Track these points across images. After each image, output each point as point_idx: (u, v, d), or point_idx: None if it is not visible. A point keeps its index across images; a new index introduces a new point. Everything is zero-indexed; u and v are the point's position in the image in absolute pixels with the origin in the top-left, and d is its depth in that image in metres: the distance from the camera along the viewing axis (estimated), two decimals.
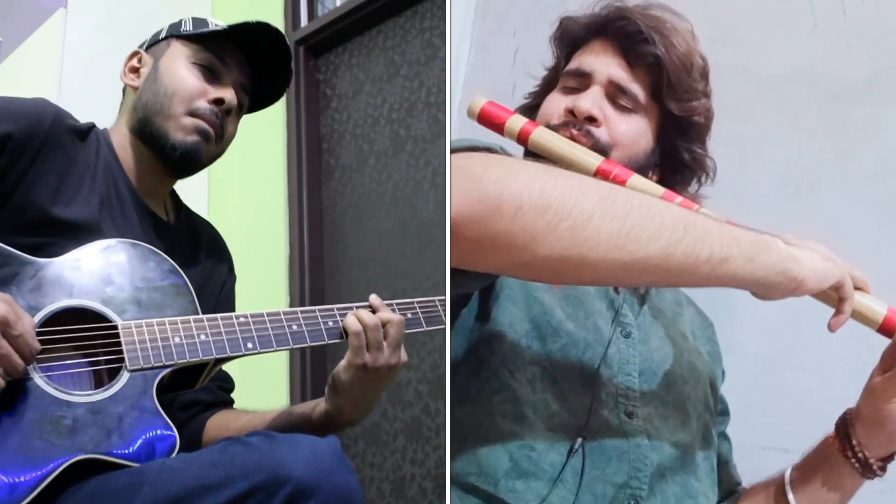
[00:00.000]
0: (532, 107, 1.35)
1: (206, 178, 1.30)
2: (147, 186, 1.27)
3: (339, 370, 1.20)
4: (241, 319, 1.15)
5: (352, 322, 1.18)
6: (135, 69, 1.30)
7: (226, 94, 1.26)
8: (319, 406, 1.23)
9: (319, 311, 1.20)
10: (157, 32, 1.33)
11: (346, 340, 1.19)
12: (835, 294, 1.04)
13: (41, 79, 2.96)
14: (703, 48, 1.33)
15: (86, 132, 1.21)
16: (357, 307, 1.21)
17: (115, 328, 1.09)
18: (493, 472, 1.05)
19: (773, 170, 1.62)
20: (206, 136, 1.25)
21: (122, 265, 1.14)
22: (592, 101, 1.23)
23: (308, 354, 2.35)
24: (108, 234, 1.16)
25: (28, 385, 1.01)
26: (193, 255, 1.32)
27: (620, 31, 1.26)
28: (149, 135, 1.25)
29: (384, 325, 1.19)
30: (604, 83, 1.25)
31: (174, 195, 1.35)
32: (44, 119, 1.15)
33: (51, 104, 1.19)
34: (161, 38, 1.30)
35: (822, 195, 1.57)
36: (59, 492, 0.99)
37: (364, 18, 2.43)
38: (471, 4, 2.07)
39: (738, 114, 1.61)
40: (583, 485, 1.06)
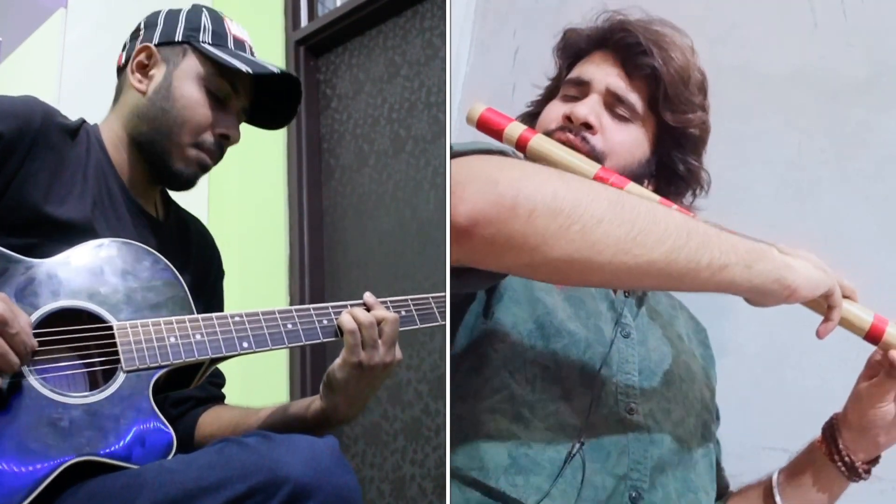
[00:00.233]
0: (534, 114, 1.37)
1: (206, 179, 1.29)
2: (138, 185, 1.26)
3: (335, 368, 1.19)
4: (237, 319, 1.15)
5: (347, 320, 1.18)
6: (143, 66, 1.25)
7: (232, 131, 1.25)
8: (314, 404, 1.23)
9: (314, 310, 1.20)
10: (171, 24, 1.26)
11: (342, 339, 1.19)
12: (824, 302, 1.07)
13: (41, 79, 2.96)
14: (703, 48, 1.34)
15: (76, 130, 1.20)
16: (352, 305, 1.21)
17: (111, 329, 1.08)
18: (494, 468, 1.07)
19: (773, 170, 1.62)
20: (206, 168, 1.26)
21: (116, 265, 1.13)
22: (589, 109, 1.24)
23: (308, 353, 2.35)
24: (101, 234, 1.16)
25: (24, 387, 1.00)
26: (185, 253, 1.31)
27: (620, 43, 1.28)
28: (148, 152, 1.24)
29: (379, 323, 1.18)
30: (602, 92, 1.27)
31: (164, 192, 1.34)
32: (33, 118, 1.13)
33: (40, 102, 1.17)
34: (177, 41, 1.25)
35: (822, 195, 1.57)
36: (57, 494, 0.98)
37: (364, 18, 2.43)
38: (471, 4, 2.07)
39: (738, 114, 1.61)
40: (584, 478, 1.07)
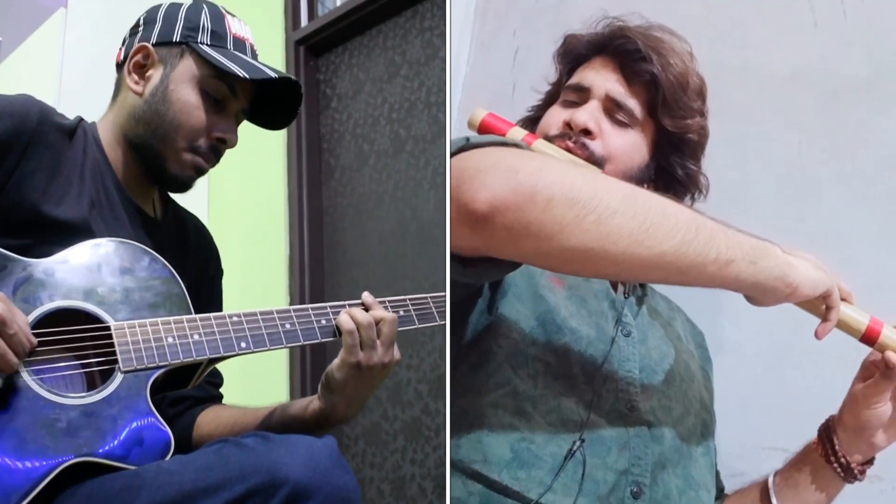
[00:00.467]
0: (535, 119, 1.38)
1: (207, 178, 1.29)
2: (135, 184, 1.25)
3: (333, 368, 1.19)
4: (235, 319, 1.14)
5: (345, 320, 1.17)
6: (140, 66, 1.23)
7: (228, 135, 1.24)
8: (313, 404, 1.23)
9: (312, 310, 1.19)
10: (170, 22, 1.25)
11: (340, 339, 1.18)
12: (822, 303, 1.08)
13: (41, 79, 2.95)
14: (703, 48, 1.34)
15: (73, 129, 1.19)
16: (350, 305, 1.20)
17: (108, 329, 1.08)
18: (497, 462, 1.07)
19: (773, 170, 1.62)
20: (201, 171, 1.25)
21: (114, 264, 1.13)
22: (589, 115, 1.25)
23: (308, 352, 2.35)
24: (98, 234, 1.15)
25: (21, 388, 1.00)
26: (183, 251, 1.30)
27: (620, 49, 1.29)
28: (143, 154, 1.23)
29: (377, 323, 1.18)
30: (601, 98, 1.27)
31: (162, 190, 1.32)
32: (30, 117, 1.13)
33: (36, 101, 1.16)
34: (175, 42, 1.23)
35: (822, 195, 1.57)
36: (55, 495, 0.98)
37: (364, 18, 2.43)
38: (471, 4, 2.07)
39: (738, 114, 1.61)
40: (585, 473, 1.07)
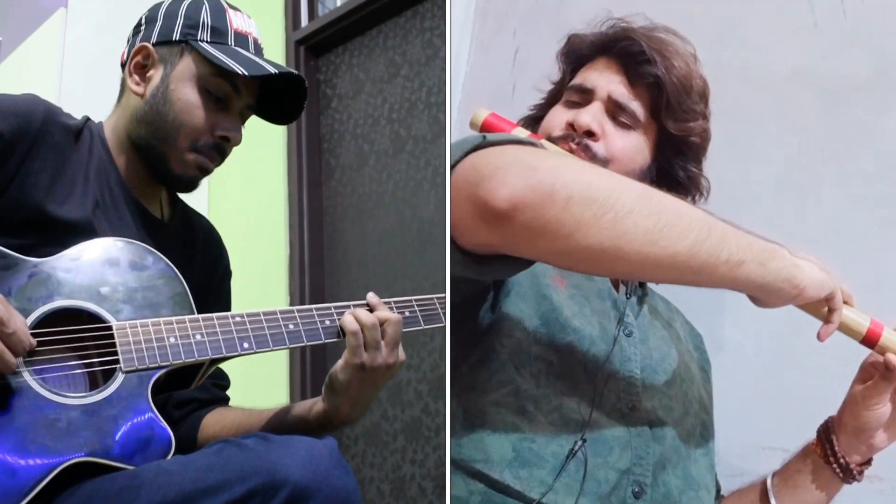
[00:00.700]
0: (537, 118, 1.38)
1: (207, 179, 1.29)
2: (141, 185, 1.25)
3: (337, 370, 1.18)
4: (237, 319, 1.14)
5: (349, 321, 1.17)
6: (141, 67, 1.23)
7: (232, 133, 1.22)
8: (316, 406, 1.22)
9: (316, 311, 1.18)
10: (170, 20, 1.23)
11: (344, 340, 1.17)
12: (824, 305, 1.09)
13: (41, 79, 2.95)
14: (703, 48, 1.34)
15: (79, 129, 1.19)
16: (354, 306, 1.20)
17: (110, 329, 1.08)
18: (499, 461, 1.07)
19: (773, 170, 1.62)
20: (206, 171, 1.24)
21: (117, 264, 1.12)
22: (592, 116, 1.25)
23: (308, 353, 2.34)
24: (102, 234, 1.15)
25: (22, 387, 1.00)
26: (189, 253, 1.30)
27: (624, 51, 1.29)
28: (147, 154, 1.22)
29: (382, 324, 1.17)
30: (605, 99, 1.27)
31: (170, 191, 1.32)
32: (35, 117, 1.12)
33: (42, 101, 1.16)
34: (175, 41, 1.22)
35: (822, 195, 1.57)
36: (55, 495, 0.98)
37: (364, 18, 2.43)
38: (471, 4, 2.07)
39: (738, 114, 1.61)
40: (587, 472, 1.07)
